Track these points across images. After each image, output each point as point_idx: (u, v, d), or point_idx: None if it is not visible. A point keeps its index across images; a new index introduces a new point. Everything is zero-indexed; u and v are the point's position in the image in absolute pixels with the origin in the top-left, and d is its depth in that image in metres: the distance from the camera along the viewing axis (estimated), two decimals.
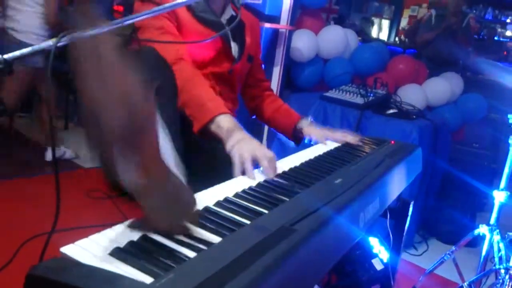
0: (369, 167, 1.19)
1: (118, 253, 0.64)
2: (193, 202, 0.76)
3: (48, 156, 3.32)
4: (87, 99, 0.60)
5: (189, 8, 1.48)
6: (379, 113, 2.73)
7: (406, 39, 5.59)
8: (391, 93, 2.97)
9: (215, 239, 0.72)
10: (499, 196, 1.92)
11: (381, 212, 1.15)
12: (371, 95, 2.83)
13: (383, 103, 2.82)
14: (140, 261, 0.62)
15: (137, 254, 0.64)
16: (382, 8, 10.25)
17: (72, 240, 0.65)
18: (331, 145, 1.45)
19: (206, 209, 0.83)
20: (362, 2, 9.67)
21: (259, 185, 1.00)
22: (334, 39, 3.35)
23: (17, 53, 0.73)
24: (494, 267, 1.91)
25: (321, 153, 1.31)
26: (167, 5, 1.08)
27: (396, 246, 1.41)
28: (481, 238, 2.02)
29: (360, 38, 7.26)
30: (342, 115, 2.77)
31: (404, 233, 1.39)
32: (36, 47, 0.74)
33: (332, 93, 2.93)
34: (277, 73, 3.15)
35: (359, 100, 2.80)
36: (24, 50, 0.73)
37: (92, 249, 0.64)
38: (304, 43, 3.22)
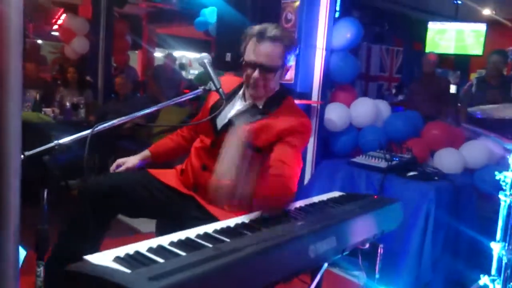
0: (334, 214, 1.49)
1: (118, 260, 1.03)
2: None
3: None
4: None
5: None
6: (401, 176, 2.96)
7: None
8: (416, 157, 3.18)
9: (182, 253, 1.09)
10: (496, 248, 2.09)
11: (344, 250, 1.43)
12: (396, 159, 3.08)
13: (406, 166, 3.04)
14: (127, 263, 1.01)
15: (128, 260, 1.03)
16: (446, 73, 10.39)
17: None
18: (321, 198, 1.77)
19: (188, 238, 1.20)
20: None
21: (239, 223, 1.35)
22: (364, 109, 3.69)
23: (68, 139, 1.17)
24: None
25: (303, 204, 1.64)
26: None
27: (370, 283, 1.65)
28: None
29: None
30: (367, 178, 3.03)
31: (376, 272, 1.63)
32: (79, 134, 1.19)
33: (358, 159, 3.21)
34: (311, 143, 3.52)
35: (382, 164, 3.05)
36: (73, 136, 1.18)
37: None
38: (337, 114, 3.61)
